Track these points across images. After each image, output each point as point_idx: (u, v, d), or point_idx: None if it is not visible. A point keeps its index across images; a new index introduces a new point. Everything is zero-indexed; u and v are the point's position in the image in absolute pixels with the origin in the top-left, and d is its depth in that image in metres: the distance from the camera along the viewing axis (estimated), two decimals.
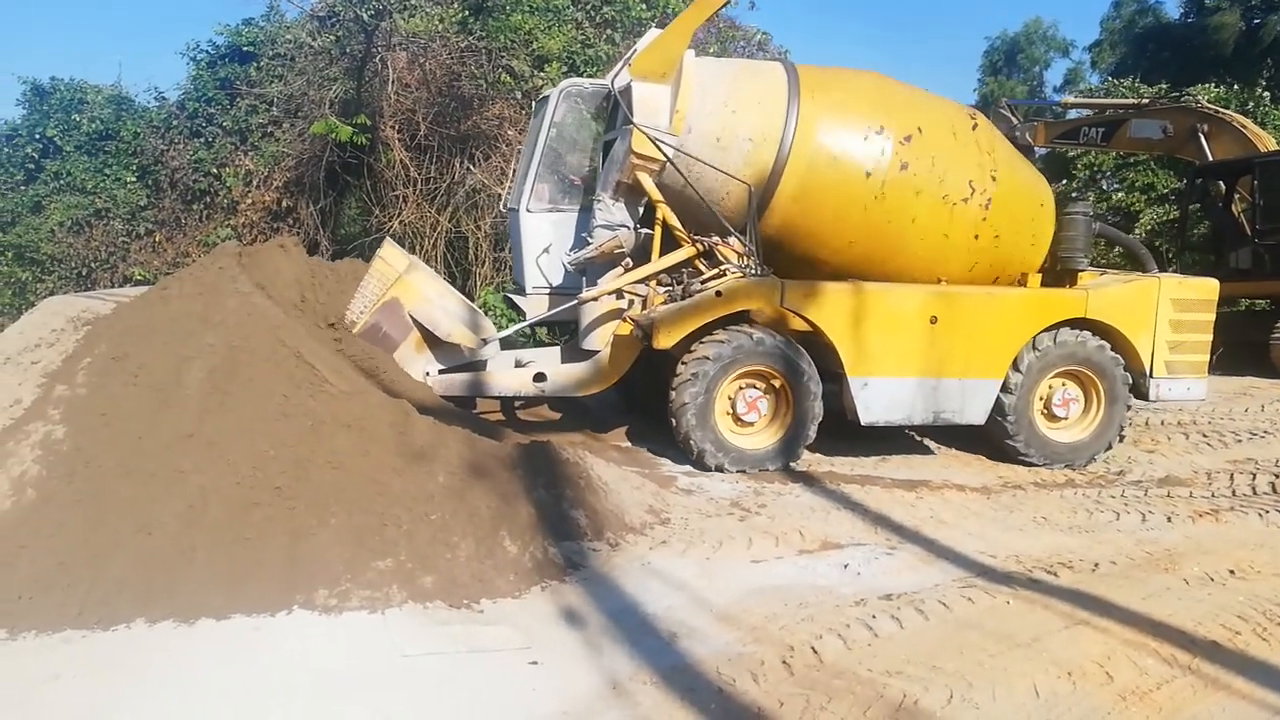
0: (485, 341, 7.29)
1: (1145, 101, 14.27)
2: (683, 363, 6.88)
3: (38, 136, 13.50)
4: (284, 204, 12.74)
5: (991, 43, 39.83)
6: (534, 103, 9.11)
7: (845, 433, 7.47)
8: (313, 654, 3.89)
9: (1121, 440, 7.81)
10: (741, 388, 6.99)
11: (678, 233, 7.23)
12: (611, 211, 7.21)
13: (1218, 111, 13.16)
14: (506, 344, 8.10)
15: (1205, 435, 8.53)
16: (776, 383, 7.03)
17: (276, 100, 12.81)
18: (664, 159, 7.01)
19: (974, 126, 7.67)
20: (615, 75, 7.55)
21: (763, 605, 4.55)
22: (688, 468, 7.01)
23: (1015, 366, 7.35)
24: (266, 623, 4.12)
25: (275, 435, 4.94)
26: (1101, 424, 7.60)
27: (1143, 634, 4.29)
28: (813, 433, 7.09)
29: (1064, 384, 7.59)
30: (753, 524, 5.78)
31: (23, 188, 13.48)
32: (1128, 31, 31.13)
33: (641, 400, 8.45)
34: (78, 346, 5.76)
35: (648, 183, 7.10)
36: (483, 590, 4.53)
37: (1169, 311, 7.66)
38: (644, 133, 6.92)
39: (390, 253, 7.18)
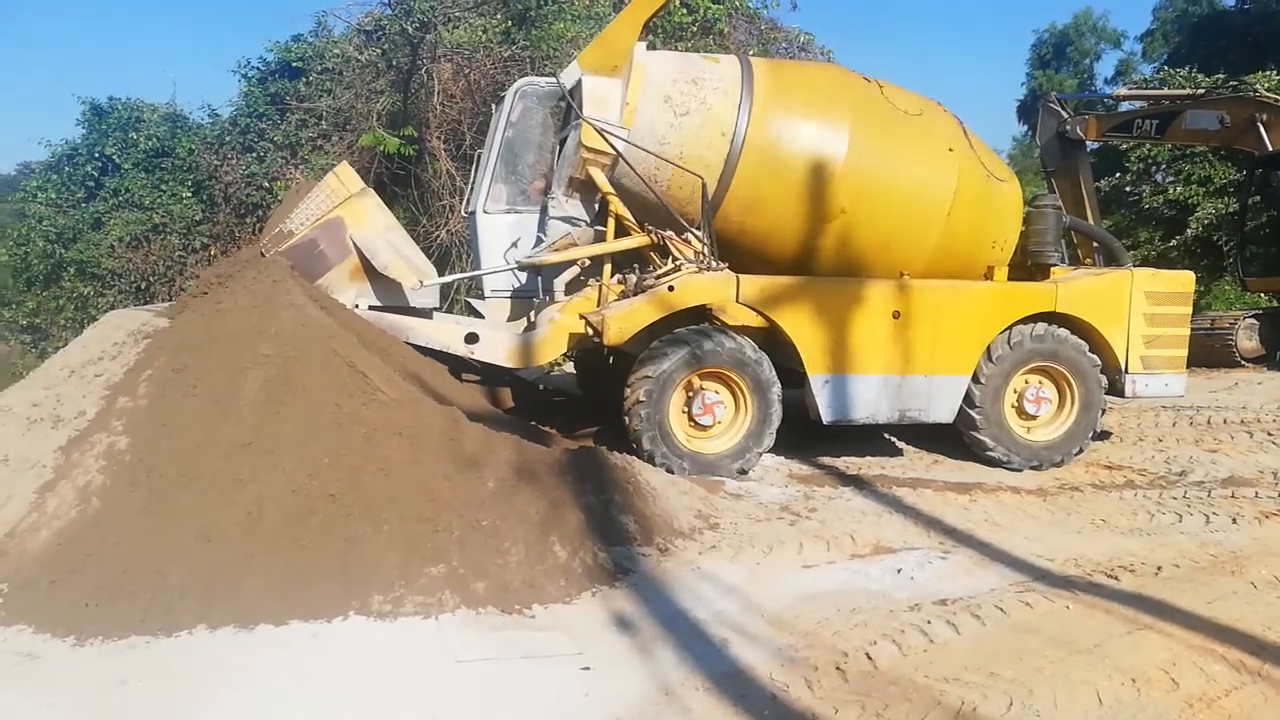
0: (422, 284, 7.06)
1: (1201, 92, 13.90)
2: (639, 361, 6.69)
3: (97, 155, 13.90)
4: None
5: (1040, 36, 39.15)
6: (492, 104, 9.02)
7: (902, 435, 7.37)
8: (369, 659, 3.94)
9: (1102, 437, 7.52)
10: (697, 389, 6.76)
11: (629, 224, 7.12)
12: (565, 207, 7.13)
13: (1277, 100, 12.77)
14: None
15: (1270, 434, 8.27)
16: (733, 384, 6.80)
17: (325, 114, 13.04)
18: (614, 153, 6.90)
19: (929, 109, 7.50)
20: (566, 71, 7.48)
21: (815, 610, 4.51)
22: None
23: (986, 361, 7.14)
24: (323, 628, 4.18)
25: (329, 443, 5.02)
26: (1075, 422, 7.36)
27: (1209, 639, 4.17)
28: (772, 437, 6.85)
29: (1040, 381, 7.37)
30: (803, 528, 5.74)
31: (83, 205, 13.89)
32: (1182, 20, 30.39)
33: (607, 397, 8.13)
34: (138, 359, 5.92)
35: (599, 177, 6.99)
36: (534, 596, 4.56)
37: (1143, 305, 7.42)
38: (593, 126, 6.82)
39: (346, 173, 6.97)
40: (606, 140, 6.87)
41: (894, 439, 7.91)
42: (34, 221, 13.74)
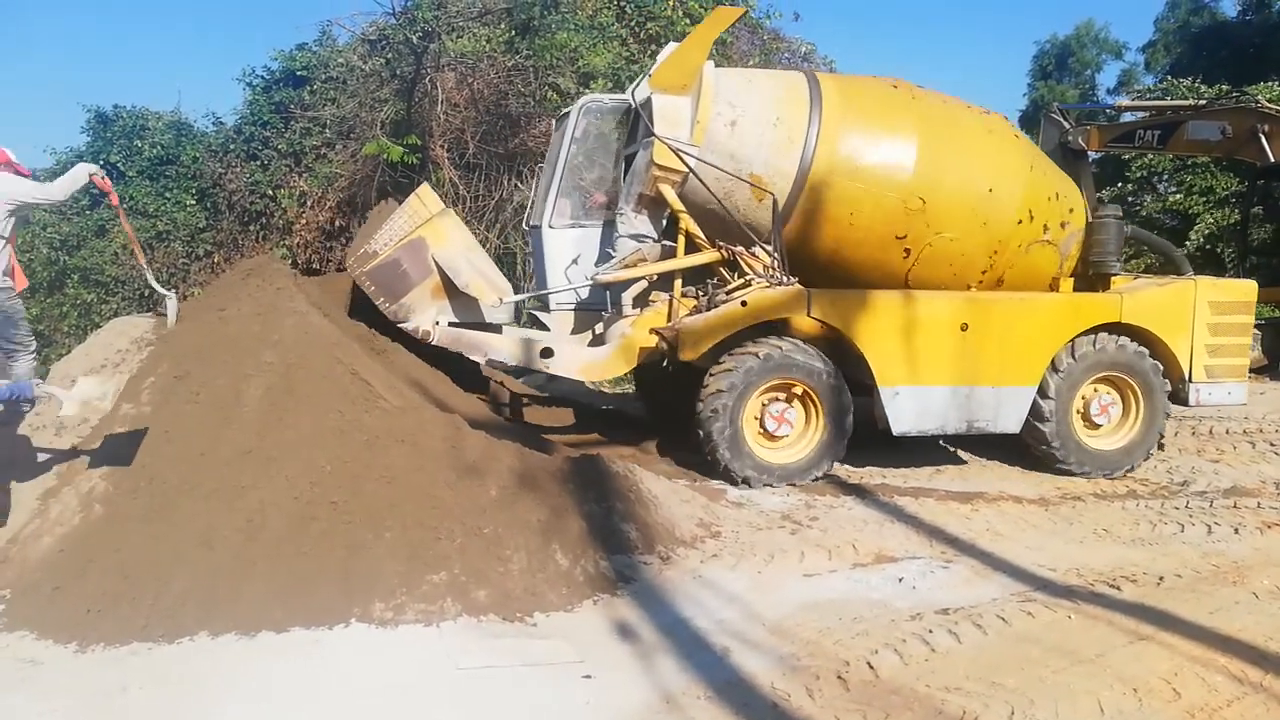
0: (501, 301, 7.20)
1: (1203, 102, 13.92)
2: (710, 374, 6.81)
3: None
4: (337, 223, 12.97)
5: (1041, 47, 39.18)
6: (554, 119, 9.11)
7: (898, 445, 7.37)
8: (370, 666, 3.94)
9: (1160, 448, 7.59)
10: (770, 401, 6.90)
11: (700, 242, 7.18)
12: (634, 224, 7.18)
13: (1278, 111, 12.77)
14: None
15: (1272, 444, 8.26)
16: (806, 396, 6.92)
17: (329, 122, 13.07)
18: (686, 170, 6.97)
19: (1000, 127, 7.58)
20: (635, 88, 7.55)
21: (816, 619, 4.51)
22: None
23: (1052, 371, 7.21)
24: (325, 635, 4.19)
25: (331, 450, 5.03)
26: (1141, 430, 7.42)
27: (1211, 649, 4.16)
28: (843, 449, 6.99)
29: (1106, 390, 7.42)
30: (805, 537, 5.73)
31: (88, 212, 13.91)
32: (1183, 31, 30.44)
33: (668, 411, 8.38)
34: (141, 366, 5.94)
35: (670, 194, 7.05)
36: (535, 603, 4.56)
37: (1206, 314, 7.47)
38: (665, 144, 6.89)
39: (427, 194, 7.17)
40: (679, 158, 6.92)
41: (895, 447, 7.89)
42: (38, 228, 13.76)
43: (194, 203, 13.71)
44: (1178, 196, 16.83)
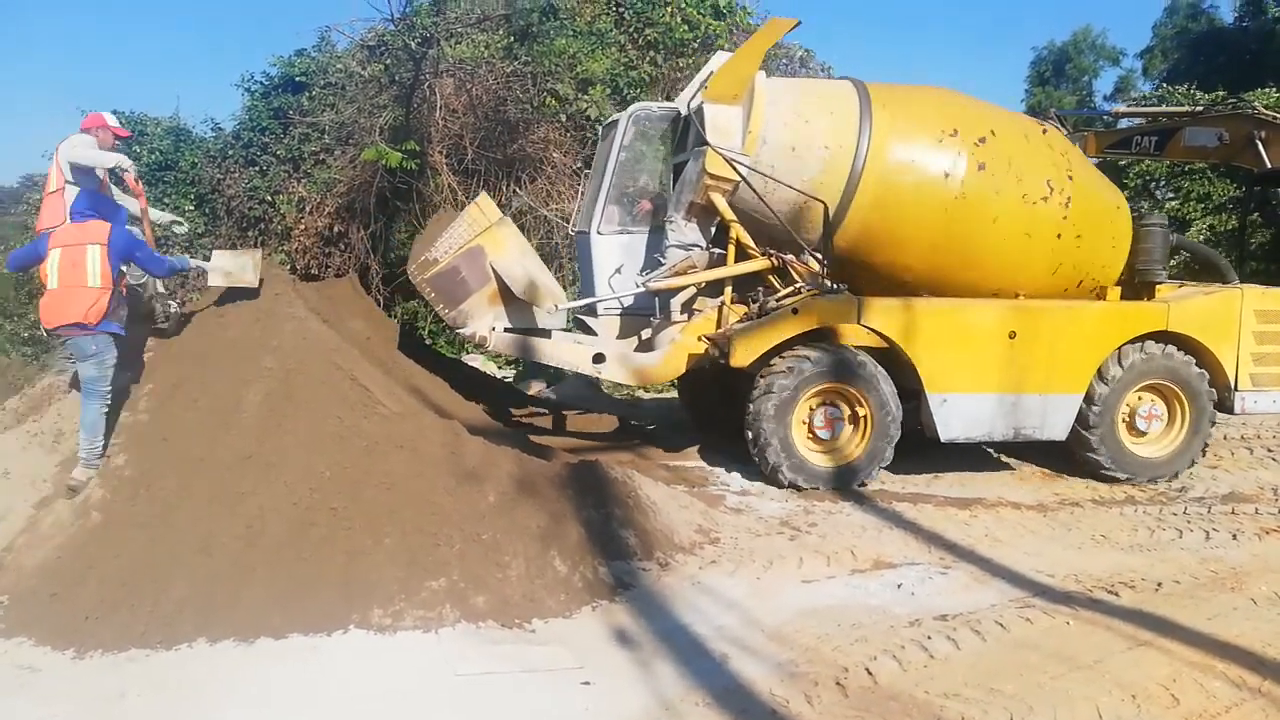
0: (556, 308, 7.33)
1: (1199, 109, 13.96)
2: (761, 378, 6.90)
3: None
4: (335, 229, 12.95)
5: (1039, 53, 39.28)
6: (601, 127, 9.16)
7: (902, 449, 7.37)
8: (369, 673, 3.94)
9: (1204, 454, 7.64)
10: (818, 405, 6.98)
11: (750, 250, 7.26)
12: (684, 232, 7.26)
13: (1275, 117, 12.80)
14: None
15: (1270, 450, 8.28)
16: (854, 401, 7.00)
17: (328, 128, 13.06)
18: (738, 179, 7.04)
19: (1044, 130, 7.66)
20: (691, 98, 7.56)
21: (815, 626, 4.51)
22: (736, 486, 6.98)
23: (1099, 380, 7.25)
24: (323, 642, 4.18)
25: (331, 456, 5.04)
26: (1186, 438, 7.46)
27: (1209, 655, 4.17)
28: (890, 453, 7.05)
29: (1151, 398, 7.46)
30: (803, 543, 5.73)
31: None
32: (1181, 37, 30.54)
33: (711, 414, 8.51)
34: (140, 372, 5.93)
35: (721, 203, 7.13)
36: (534, 610, 4.56)
37: (1252, 323, 7.49)
38: (720, 153, 6.96)
39: (486, 203, 7.30)
40: (733, 167, 6.97)
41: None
42: (36, 235, 13.78)
43: (193, 208, 13.69)
44: (1175, 203, 16.87)
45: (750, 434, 6.91)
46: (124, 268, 5.68)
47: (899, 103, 7.31)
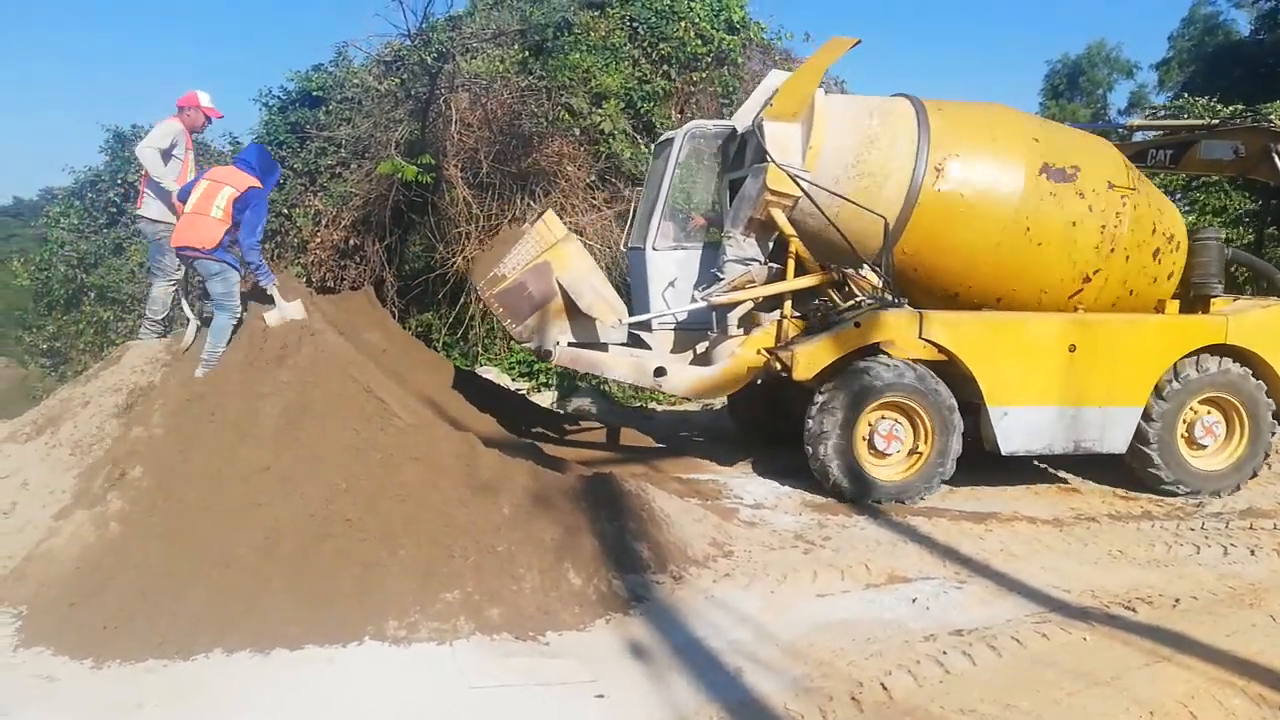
0: (620, 322, 7.39)
1: (1215, 122, 13.91)
2: (821, 392, 6.92)
3: (119, 182, 14.08)
4: (351, 242, 13.06)
5: (1052, 66, 39.31)
6: (654, 144, 9.27)
7: None
8: (384, 685, 3.96)
9: (1268, 466, 7.61)
10: (879, 419, 6.99)
11: (810, 265, 7.30)
12: (743, 247, 7.31)
13: None
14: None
15: None
16: (915, 414, 7.01)
17: (345, 142, 13.18)
18: (798, 194, 7.09)
19: (1104, 153, 7.69)
20: (757, 116, 7.57)
21: (830, 640, 4.50)
22: (750, 500, 6.97)
23: (1158, 394, 7.25)
24: (339, 653, 4.20)
25: (347, 468, 5.07)
26: (1246, 451, 7.44)
27: (1228, 672, 4.13)
28: (952, 467, 7.05)
29: (1209, 411, 7.45)
30: (817, 557, 5.72)
31: (105, 230, 14.04)
32: (1198, 49, 30.47)
33: (761, 428, 8.61)
34: (158, 386, 5.99)
35: (780, 218, 7.17)
36: (548, 622, 4.57)
37: None
38: (783, 170, 7.00)
39: (552, 220, 7.39)
40: (795, 182, 7.03)
41: None
42: (56, 246, 13.89)
43: None
44: (1190, 216, 16.78)
45: (809, 448, 6.93)
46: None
47: (955, 119, 7.37)
